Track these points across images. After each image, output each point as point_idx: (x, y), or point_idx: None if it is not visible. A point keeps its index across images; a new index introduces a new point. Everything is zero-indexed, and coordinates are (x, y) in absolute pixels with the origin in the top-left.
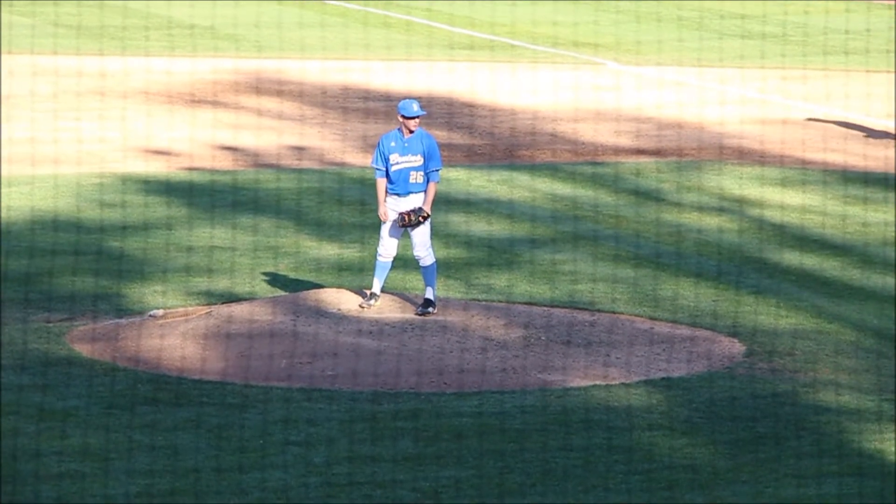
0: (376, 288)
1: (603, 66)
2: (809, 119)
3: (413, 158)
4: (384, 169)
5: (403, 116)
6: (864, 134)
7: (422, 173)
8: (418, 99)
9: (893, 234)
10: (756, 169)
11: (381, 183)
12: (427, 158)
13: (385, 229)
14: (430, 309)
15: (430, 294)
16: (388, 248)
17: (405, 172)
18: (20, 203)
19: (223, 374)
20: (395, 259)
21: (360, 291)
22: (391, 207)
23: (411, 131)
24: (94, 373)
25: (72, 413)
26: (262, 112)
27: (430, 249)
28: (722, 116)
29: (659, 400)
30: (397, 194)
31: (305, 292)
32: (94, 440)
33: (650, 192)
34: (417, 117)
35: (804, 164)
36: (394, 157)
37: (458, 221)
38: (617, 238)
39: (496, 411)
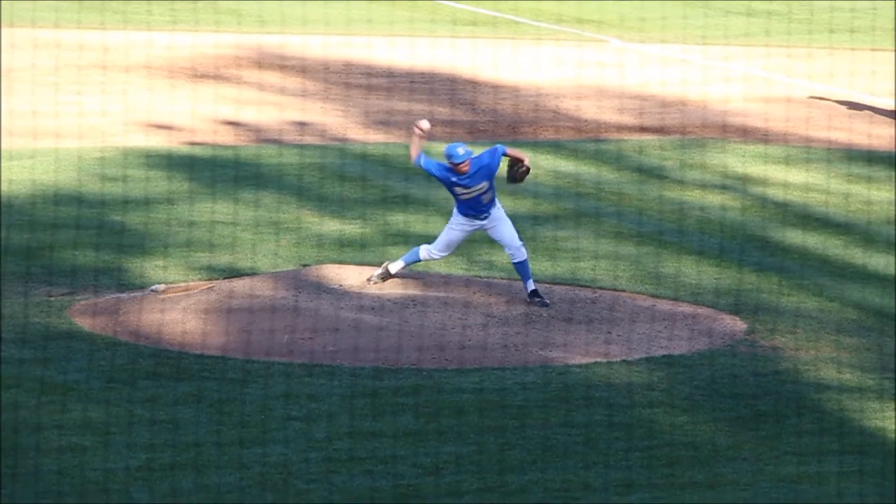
0: (395, 269)
1: (606, 43)
2: (812, 97)
3: (480, 186)
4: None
5: (453, 164)
6: (870, 113)
7: (491, 193)
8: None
9: None
10: (760, 147)
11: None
12: (490, 171)
13: (450, 236)
14: (540, 299)
15: (531, 286)
16: (444, 254)
17: (476, 199)
18: (21, 177)
19: (224, 348)
20: (398, 235)
21: (362, 268)
22: (464, 228)
23: (465, 172)
24: (95, 347)
25: (72, 387)
26: (264, 87)
27: (522, 243)
28: (726, 94)
29: (660, 377)
30: (475, 216)
31: (307, 268)
32: (94, 414)
33: (653, 169)
34: (466, 161)
35: (808, 143)
36: (459, 189)
37: None
38: (619, 215)
39: (497, 388)
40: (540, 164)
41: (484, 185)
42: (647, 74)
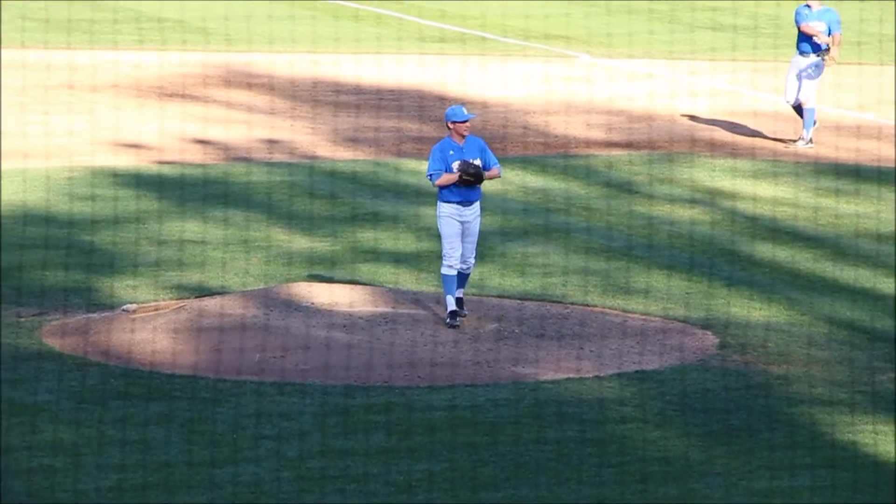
0: (452, 304)
1: (574, 58)
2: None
3: (475, 160)
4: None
5: (455, 122)
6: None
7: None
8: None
9: (865, 225)
10: (728, 161)
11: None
12: (484, 155)
13: (447, 231)
14: (459, 310)
15: (460, 293)
16: (456, 255)
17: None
18: None
19: (195, 368)
20: (368, 252)
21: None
22: (455, 218)
23: (463, 136)
24: (65, 367)
25: (43, 407)
26: (232, 105)
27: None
28: (693, 108)
29: (632, 392)
30: (462, 202)
31: (277, 286)
32: (65, 435)
33: (622, 184)
34: (468, 121)
35: (776, 156)
36: (456, 165)
37: (430, 214)
38: (589, 230)
39: (469, 405)
40: (509, 179)
41: (478, 161)
42: (616, 89)
